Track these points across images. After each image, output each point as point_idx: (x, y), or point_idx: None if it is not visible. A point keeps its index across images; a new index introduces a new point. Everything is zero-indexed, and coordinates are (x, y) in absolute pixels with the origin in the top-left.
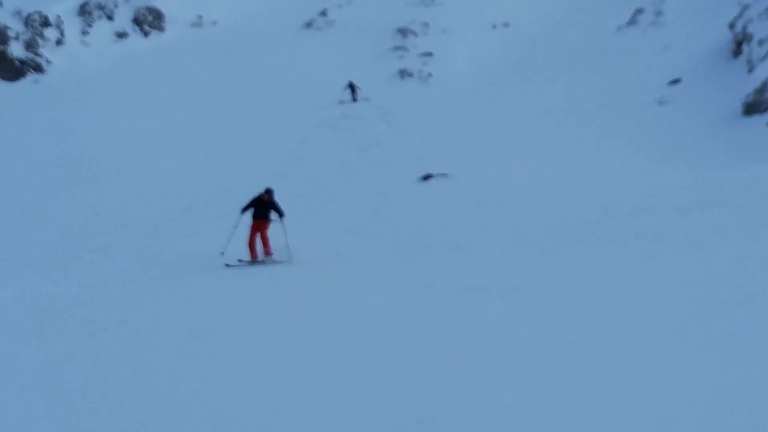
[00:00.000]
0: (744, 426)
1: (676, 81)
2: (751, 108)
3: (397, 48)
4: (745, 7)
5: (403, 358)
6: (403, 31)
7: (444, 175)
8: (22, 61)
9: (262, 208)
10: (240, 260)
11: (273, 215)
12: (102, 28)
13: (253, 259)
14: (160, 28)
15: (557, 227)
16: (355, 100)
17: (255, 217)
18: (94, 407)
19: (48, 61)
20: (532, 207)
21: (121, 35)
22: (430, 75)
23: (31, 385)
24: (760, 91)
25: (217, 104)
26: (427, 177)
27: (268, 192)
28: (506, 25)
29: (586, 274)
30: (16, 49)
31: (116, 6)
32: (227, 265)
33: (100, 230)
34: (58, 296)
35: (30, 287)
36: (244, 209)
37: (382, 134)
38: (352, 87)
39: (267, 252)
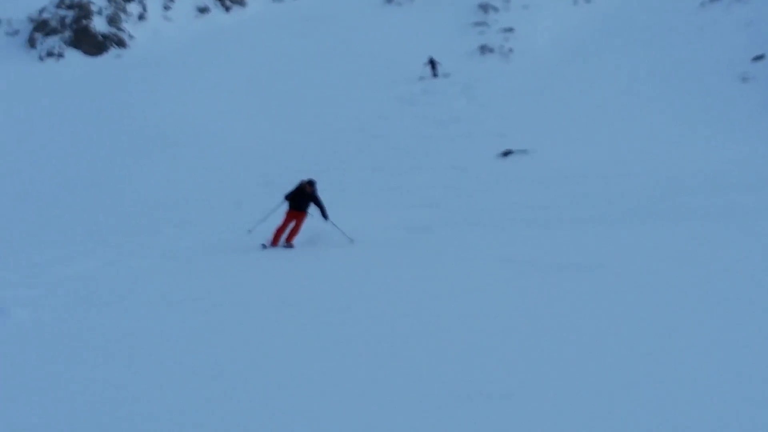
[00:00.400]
0: None
1: (759, 57)
2: None
3: (478, 23)
4: None
5: (480, 333)
6: (484, 6)
7: (524, 151)
8: (104, 36)
9: (302, 199)
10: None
11: (313, 210)
12: (184, 3)
13: (273, 245)
14: (242, 3)
15: (635, 203)
16: (435, 75)
17: (292, 207)
18: (157, 382)
19: (131, 36)
20: (612, 183)
21: (202, 10)
22: (510, 50)
23: (109, 355)
24: None
25: (298, 80)
26: (507, 153)
27: (311, 183)
28: (588, 0)
29: (664, 250)
30: (99, 24)
31: None
32: (263, 245)
33: (181, 204)
34: (140, 269)
35: (112, 260)
36: (288, 196)
37: (462, 110)
38: (432, 62)
39: (288, 239)
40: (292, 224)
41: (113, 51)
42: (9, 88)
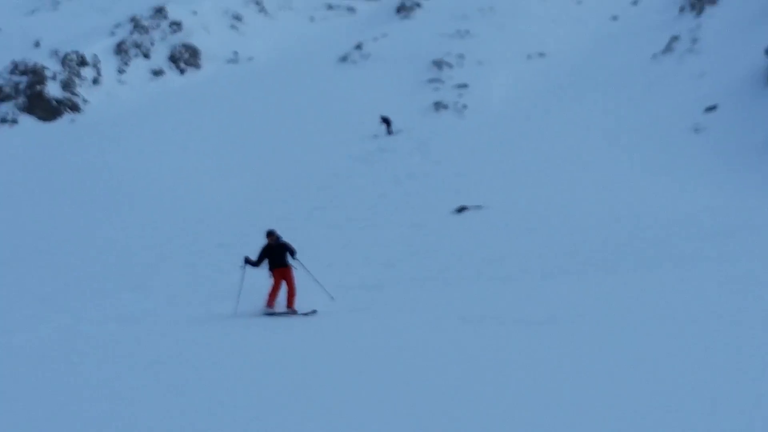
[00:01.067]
0: None
1: (711, 108)
2: None
3: (432, 80)
4: None
5: (432, 390)
6: (438, 63)
7: (479, 207)
8: (58, 101)
9: (276, 254)
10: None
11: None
12: (138, 66)
13: (269, 307)
14: (197, 65)
15: (591, 255)
16: (389, 133)
17: (272, 266)
18: None
19: (85, 100)
20: (569, 235)
21: (157, 73)
22: (465, 107)
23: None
24: None
25: (254, 139)
26: (461, 209)
27: (271, 234)
28: (542, 55)
29: (619, 301)
30: (53, 89)
31: (152, 44)
32: (268, 313)
33: (137, 265)
34: (93, 335)
35: (66, 325)
36: (257, 263)
37: (417, 166)
38: (386, 121)
39: (290, 303)
40: (283, 283)
41: (67, 116)
42: None
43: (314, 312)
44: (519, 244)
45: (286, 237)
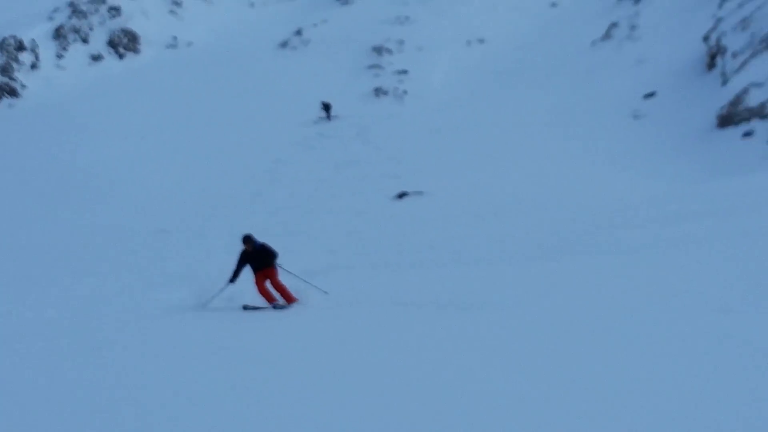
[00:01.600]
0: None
1: (650, 95)
2: (725, 120)
3: (372, 66)
4: (719, 20)
5: (368, 374)
6: (378, 49)
7: (419, 193)
8: None
9: (256, 258)
10: (252, 306)
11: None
12: (77, 51)
13: (270, 302)
14: (136, 51)
15: (530, 241)
16: (330, 118)
17: (256, 270)
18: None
19: (23, 86)
20: (506, 221)
21: (96, 58)
22: (405, 92)
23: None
24: (734, 103)
25: (194, 124)
26: (402, 195)
27: (248, 240)
28: (481, 41)
29: (555, 288)
30: None
31: (91, 29)
32: (245, 307)
33: (79, 250)
34: (44, 319)
35: (18, 308)
36: (236, 272)
37: (358, 152)
38: (326, 106)
39: (287, 298)
40: (268, 284)
41: (5, 100)
42: None
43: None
44: (458, 230)
45: (230, 225)
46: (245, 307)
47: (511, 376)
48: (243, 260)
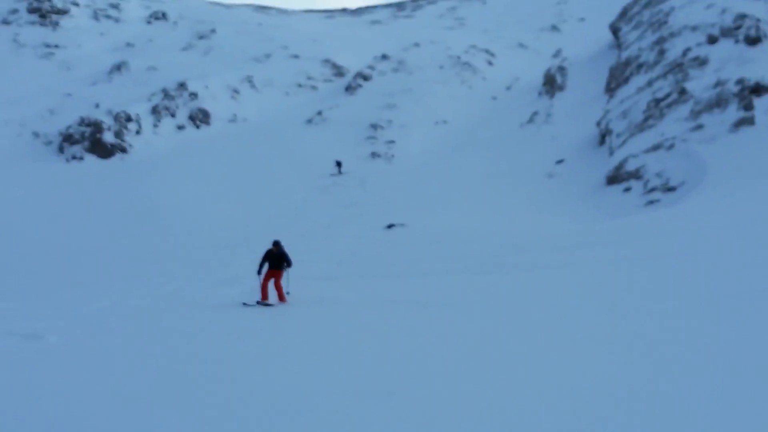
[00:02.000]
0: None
1: (560, 161)
2: (611, 180)
3: (369, 137)
4: (607, 111)
5: (365, 349)
6: (374, 126)
7: (402, 225)
8: (112, 145)
9: (274, 259)
10: (257, 302)
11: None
12: (167, 123)
13: (263, 300)
14: (208, 123)
15: (480, 259)
16: (340, 173)
17: (270, 267)
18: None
19: (130, 145)
20: (465, 245)
21: (180, 127)
22: (392, 156)
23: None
24: (617, 168)
25: (246, 175)
26: (390, 226)
27: (276, 244)
28: (444, 122)
29: (492, 293)
30: (108, 137)
31: (177, 107)
32: (244, 304)
33: (163, 259)
34: (140, 307)
35: (118, 300)
36: (261, 265)
37: (359, 196)
38: (338, 163)
39: (280, 298)
40: (271, 281)
41: (118, 155)
42: (45, 182)
43: (270, 305)
44: (428, 251)
45: (269, 243)
46: (244, 304)
47: (463, 346)
48: (265, 257)
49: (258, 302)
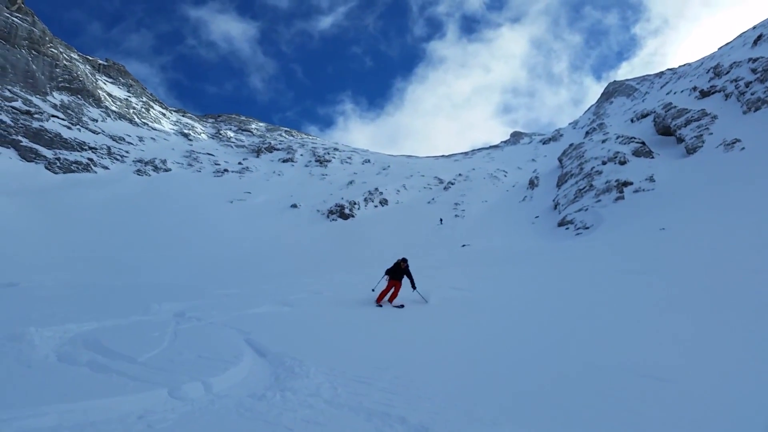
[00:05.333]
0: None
1: (537, 217)
2: (560, 224)
3: (453, 207)
4: (557, 195)
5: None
6: (456, 204)
7: (468, 245)
8: (348, 215)
9: (397, 272)
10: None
11: (406, 281)
12: (371, 204)
13: (378, 303)
14: (387, 204)
15: (495, 257)
16: (441, 224)
17: (392, 278)
18: None
19: (354, 215)
20: (491, 252)
21: (375, 206)
22: (464, 215)
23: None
24: (562, 219)
25: (400, 222)
26: (463, 245)
27: (404, 261)
28: (485, 201)
29: (505, 275)
30: (347, 210)
31: (373, 198)
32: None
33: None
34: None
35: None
36: (388, 270)
37: (448, 232)
38: (441, 220)
39: (391, 299)
40: (392, 290)
41: (350, 219)
42: (322, 232)
43: (402, 306)
44: (479, 255)
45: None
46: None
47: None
48: (391, 268)
49: (380, 305)
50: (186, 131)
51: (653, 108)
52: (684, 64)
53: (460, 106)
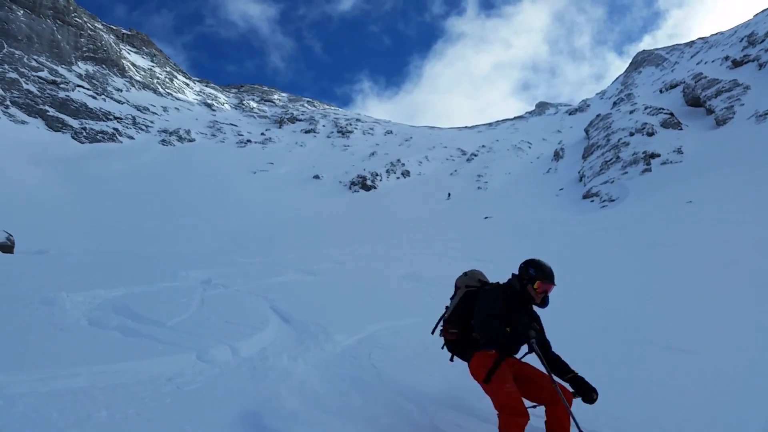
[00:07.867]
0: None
1: (561, 189)
2: (585, 196)
3: (476, 179)
4: (583, 166)
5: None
6: (479, 175)
7: (491, 217)
8: (369, 186)
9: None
10: None
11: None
12: (392, 176)
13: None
14: (409, 176)
15: (522, 228)
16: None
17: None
18: None
19: (376, 186)
20: (516, 225)
21: (398, 178)
22: (487, 188)
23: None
24: (587, 192)
25: (430, 192)
26: (486, 217)
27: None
28: (509, 173)
29: (526, 243)
30: (369, 182)
31: (396, 170)
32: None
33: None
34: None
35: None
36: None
37: (470, 206)
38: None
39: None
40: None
41: (372, 191)
42: (344, 203)
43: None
44: (501, 228)
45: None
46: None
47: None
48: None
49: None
50: (209, 101)
51: (683, 78)
52: (716, 33)
53: (479, 84)
